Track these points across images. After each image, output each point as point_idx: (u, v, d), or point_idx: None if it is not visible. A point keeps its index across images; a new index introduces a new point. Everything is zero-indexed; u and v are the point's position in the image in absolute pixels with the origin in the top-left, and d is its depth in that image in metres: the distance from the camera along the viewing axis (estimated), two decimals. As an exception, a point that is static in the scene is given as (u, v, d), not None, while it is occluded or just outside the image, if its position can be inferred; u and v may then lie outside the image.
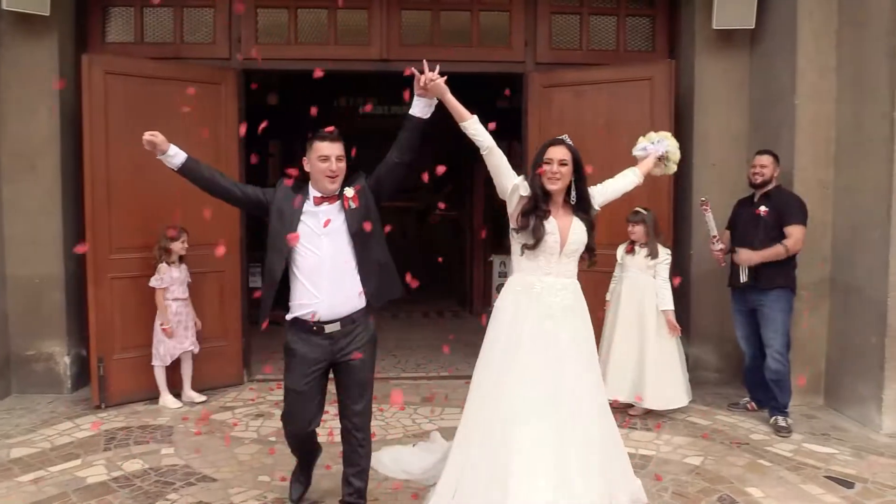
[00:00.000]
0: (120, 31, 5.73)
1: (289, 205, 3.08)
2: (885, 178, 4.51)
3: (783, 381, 4.63)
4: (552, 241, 3.14)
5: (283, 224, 3.06)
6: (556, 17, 5.97)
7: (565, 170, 3.16)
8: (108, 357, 5.09)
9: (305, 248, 3.05)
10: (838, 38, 4.99)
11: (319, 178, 3.07)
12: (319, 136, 3.07)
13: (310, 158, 3.09)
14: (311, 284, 3.05)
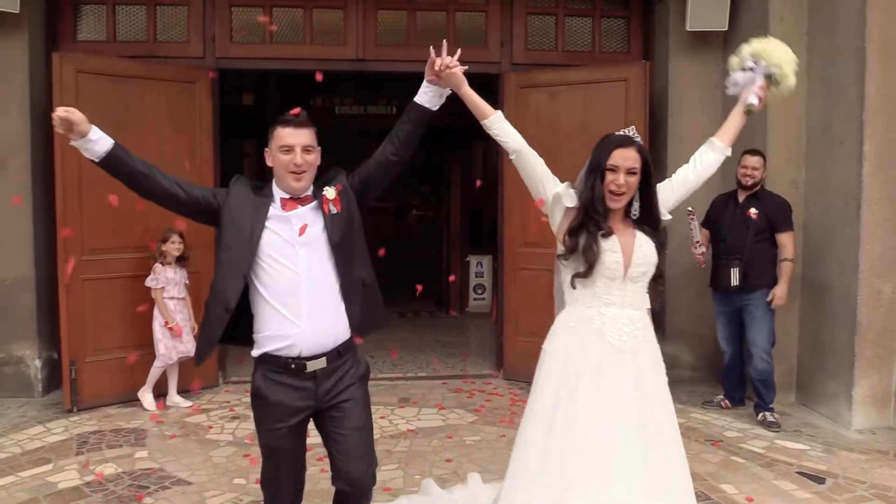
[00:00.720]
0: (92, 29, 5.65)
1: (248, 209, 2.44)
2: (854, 177, 4.59)
3: (769, 380, 4.70)
4: (612, 262, 2.43)
5: (239, 233, 2.41)
6: (532, 18, 5.99)
7: (633, 181, 2.43)
8: (81, 360, 5.02)
9: (276, 261, 2.39)
10: (809, 40, 5.07)
11: (283, 174, 2.44)
12: (281, 122, 2.45)
13: (271, 150, 2.47)
14: (286, 309, 2.38)
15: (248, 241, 2.40)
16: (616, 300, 2.47)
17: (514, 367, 5.90)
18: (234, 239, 2.43)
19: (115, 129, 5.11)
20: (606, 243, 2.44)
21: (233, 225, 2.43)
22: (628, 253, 2.46)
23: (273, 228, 2.43)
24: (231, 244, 2.44)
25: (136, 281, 5.04)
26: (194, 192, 2.53)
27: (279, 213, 2.45)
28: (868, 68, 4.48)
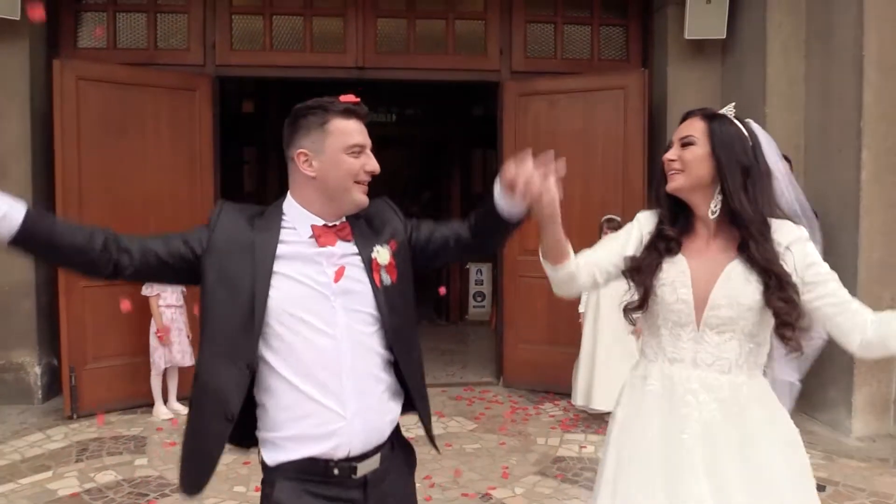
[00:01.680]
0: (92, 36, 5.67)
1: (245, 253, 1.65)
2: (852, 184, 4.60)
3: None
4: (673, 299, 1.76)
5: (234, 294, 1.63)
6: (531, 26, 6.02)
7: (691, 155, 1.75)
8: (81, 367, 5.02)
9: (302, 322, 1.64)
10: (806, 48, 5.09)
11: (345, 186, 1.69)
12: (341, 111, 1.69)
13: (322, 151, 1.67)
14: (321, 392, 1.63)
15: (249, 305, 1.62)
16: (686, 355, 1.76)
17: (513, 374, 5.90)
18: (225, 305, 1.64)
19: (116, 136, 5.19)
20: (670, 269, 1.78)
21: (221, 283, 1.64)
22: (704, 287, 1.73)
23: (290, 273, 1.66)
24: (222, 313, 1.64)
25: (136, 287, 5.04)
26: (172, 245, 1.67)
27: (304, 249, 1.69)
28: (865, 76, 4.50)
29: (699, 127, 1.78)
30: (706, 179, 1.75)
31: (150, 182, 5.25)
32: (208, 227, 1.69)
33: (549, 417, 5.12)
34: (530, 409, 5.27)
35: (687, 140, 1.78)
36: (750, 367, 1.76)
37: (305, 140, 1.68)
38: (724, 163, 1.72)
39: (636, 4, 6.05)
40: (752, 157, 1.74)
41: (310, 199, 1.71)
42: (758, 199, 1.71)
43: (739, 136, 1.76)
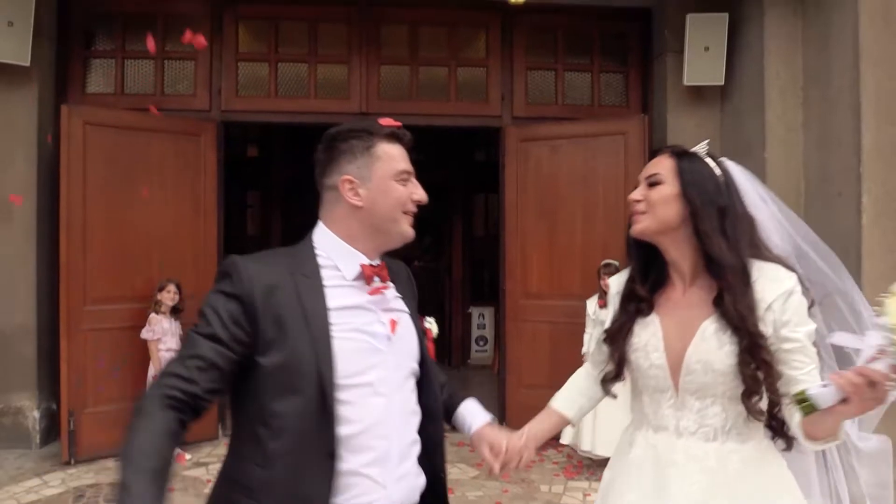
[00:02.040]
0: (100, 81, 5.77)
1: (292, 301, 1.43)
2: (853, 229, 4.61)
3: None
4: (646, 364, 1.62)
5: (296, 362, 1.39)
6: (532, 73, 6.11)
7: (657, 196, 1.60)
8: (80, 411, 4.98)
9: (361, 387, 1.45)
10: (804, 94, 5.15)
11: (394, 216, 1.54)
12: (386, 135, 1.56)
13: (370, 177, 1.52)
14: (368, 462, 1.44)
15: (317, 384, 1.39)
16: (668, 423, 1.59)
17: (516, 419, 5.83)
18: (287, 389, 1.39)
19: (121, 180, 5.23)
20: (642, 332, 1.63)
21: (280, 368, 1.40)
22: (679, 348, 1.56)
23: (346, 329, 1.45)
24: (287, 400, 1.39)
25: (136, 332, 5.03)
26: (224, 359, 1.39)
27: (354, 295, 1.50)
28: (863, 121, 4.54)
29: (667, 165, 1.64)
30: (674, 221, 1.59)
31: (154, 225, 5.28)
32: (240, 300, 1.40)
33: (553, 464, 5.06)
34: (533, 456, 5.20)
35: (654, 179, 1.63)
36: (741, 432, 1.56)
37: (350, 166, 1.52)
38: (698, 203, 1.57)
39: (635, 52, 6.15)
40: (728, 197, 1.60)
41: (353, 232, 1.53)
42: (738, 242, 1.55)
43: (711, 175, 1.63)
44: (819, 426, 1.45)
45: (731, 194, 1.61)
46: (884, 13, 4.55)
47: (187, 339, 1.43)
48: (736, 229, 1.56)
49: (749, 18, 5.38)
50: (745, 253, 1.55)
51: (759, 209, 1.66)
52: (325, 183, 1.57)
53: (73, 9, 5.64)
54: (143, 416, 1.32)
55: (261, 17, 5.89)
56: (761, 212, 1.66)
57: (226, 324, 1.39)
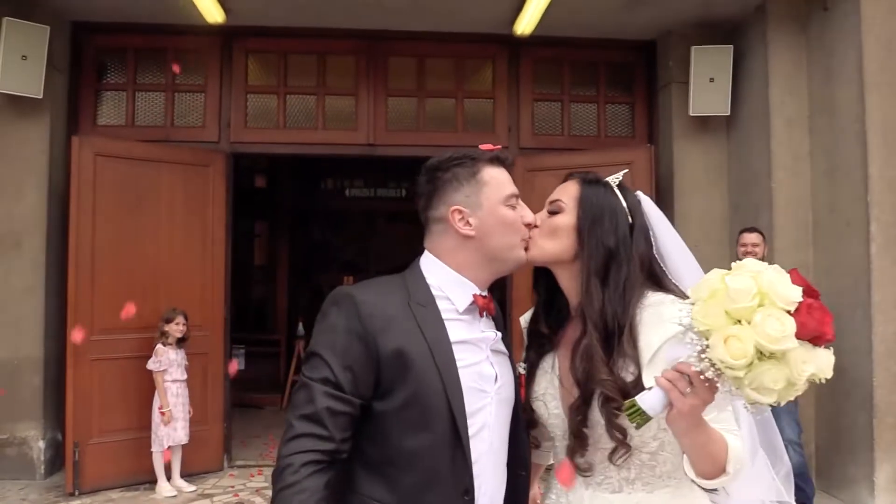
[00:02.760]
0: (111, 113, 5.84)
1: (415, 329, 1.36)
2: (863, 259, 4.59)
3: (805, 474, 4.43)
4: (546, 414, 1.54)
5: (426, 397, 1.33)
6: (538, 105, 6.15)
7: (552, 225, 1.52)
8: (85, 442, 4.95)
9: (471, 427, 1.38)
10: (810, 124, 5.17)
11: (508, 240, 1.47)
12: (489, 159, 1.49)
13: (477, 203, 1.45)
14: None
15: (448, 416, 1.34)
16: (579, 474, 1.49)
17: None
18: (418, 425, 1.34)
19: (130, 210, 5.26)
20: (542, 379, 1.54)
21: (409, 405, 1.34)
22: (574, 395, 1.44)
23: (462, 371, 1.38)
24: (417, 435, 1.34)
25: (143, 362, 5.02)
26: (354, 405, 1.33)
27: (466, 330, 1.43)
28: (870, 150, 4.55)
29: (572, 192, 1.53)
30: (567, 254, 1.49)
31: (163, 255, 5.30)
32: (360, 337, 1.32)
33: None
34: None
35: (554, 206, 1.53)
36: (649, 482, 1.44)
37: (457, 195, 1.44)
38: (585, 239, 1.47)
39: (641, 82, 6.19)
40: (623, 238, 1.48)
41: (465, 262, 1.44)
42: (621, 290, 1.43)
43: (614, 210, 1.50)
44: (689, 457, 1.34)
45: (636, 231, 1.50)
46: (888, 42, 4.58)
47: (304, 387, 1.32)
48: (620, 274, 1.44)
49: (753, 49, 5.42)
50: (625, 303, 1.42)
51: (671, 243, 1.55)
52: (432, 215, 1.48)
53: (86, 43, 5.73)
54: (292, 489, 1.24)
55: (270, 50, 5.96)
56: (673, 246, 1.55)
57: (346, 367, 1.31)
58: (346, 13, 5.51)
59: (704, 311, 1.17)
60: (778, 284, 1.15)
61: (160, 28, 5.70)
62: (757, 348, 1.12)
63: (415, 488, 1.32)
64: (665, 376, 1.23)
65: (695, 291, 1.22)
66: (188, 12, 5.20)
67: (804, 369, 1.13)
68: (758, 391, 1.14)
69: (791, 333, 1.12)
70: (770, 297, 1.14)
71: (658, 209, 1.58)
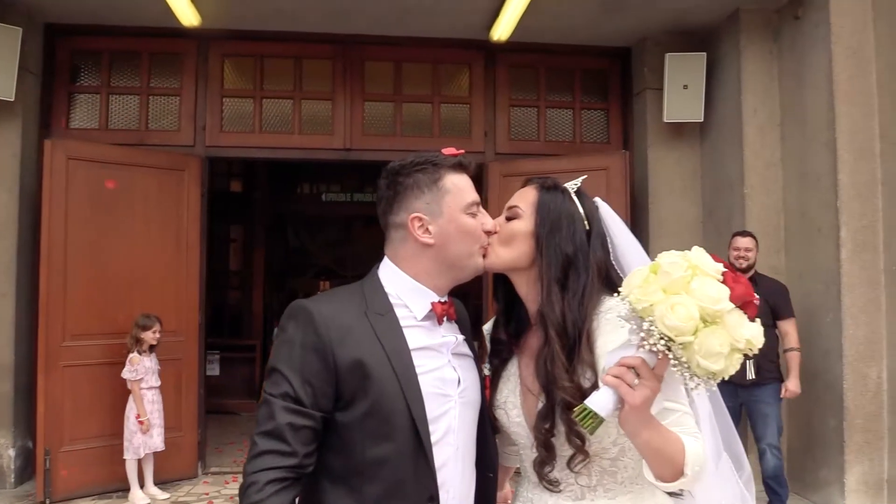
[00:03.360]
0: (85, 117, 5.77)
1: (372, 345, 1.36)
2: (833, 263, 4.66)
3: (782, 476, 4.48)
4: (507, 422, 1.53)
5: (387, 408, 1.34)
6: (514, 110, 6.18)
7: (510, 231, 1.52)
8: (56, 449, 4.87)
9: (434, 433, 1.39)
10: (782, 132, 5.25)
11: (467, 249, 1.47)
12: (452, 166, 1.48)
13: (437, 211, 1.44)
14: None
15: (409, 424, 1.35)
16: (544, 483, 1.48)
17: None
18: (379, 434, 1.35)
19: (103, 214, 5.20)
20: (504, 387, 1.53)
21: (369, 415, 1.34)
22: (535, 403, 1.45)
23: (423, 377, 1.39)
24: (380, 444, 1.35)
25: (117, 368, 4.96)
26: (313, 417, 1.33)
27: (425, 336, 1.44)
28: (840, 157, 4.63)
29: (530, 198, 1.53)
30: (524, 261, 1.49)
31: (136, 260, 5.25)
32: (317, 351, 1.32)
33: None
34: None
35: (512, 212, 1.53)
36: (611, 489, 1.44)
37: (418, 202, 1.43)
38: (543, 246, 1.46)
39: (616, 89, 6.25)
40: (580, 245, 1.47)
41: (424, 270, 1.45)
42: (580, 297, 1.43)
43: (571, 217, 1.50)
44: (646, 459, 1.33)
45: (594, 238, 1.50)
46: (857, 52, 4.67)
47: (265, 403, 1.33)
48: (579, 281, 1.45)
49: (726, 57, 5.50)
50: (584, 310, 1.42)
51: (628, 249, 1.55)
52: (392, 221, 1.47)
53: (59, 45, 5.66)
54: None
55: (246, 54, 5.93)
56: (630, 252, 1.55)
57: (305, 381, 1.32)
58: (323, 17, 5.50)
59: (644, 291, 1.21)
60: (704, 258, 1.23)
61: (135, 31, 5.65)
62: (700, 312, 1.17)
63: (380, 498, 1.33)
64: (610, 373, 1.23)
65: (626, 284, 1.26)
66: (163, 15, 5.16)
67: (742, 332, 1.19)
68: (706, 357, 1.17)
69: (726, 297, 1.19)
70: (700, 269, 1.21)
71: (616, 215, 1.59)
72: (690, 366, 1.19)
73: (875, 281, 4.61)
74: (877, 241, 4.61)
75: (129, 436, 4.88)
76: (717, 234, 5.44)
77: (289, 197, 10.71)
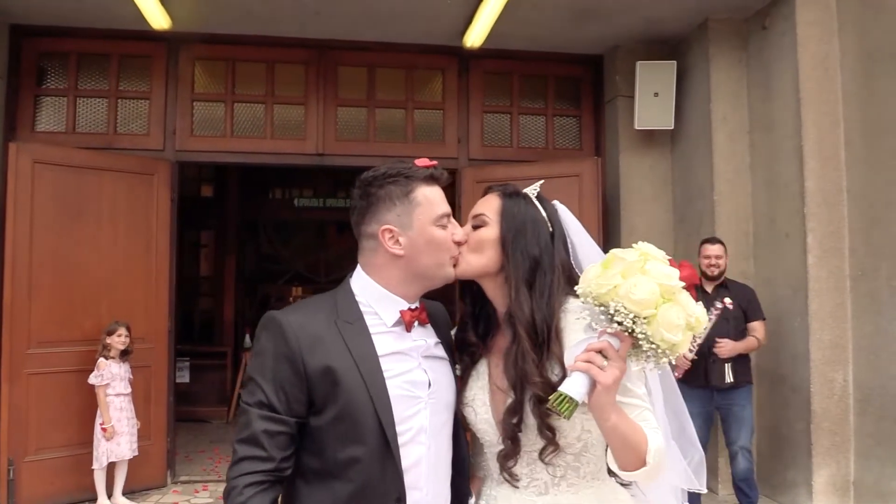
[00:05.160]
0: (51, 119, 5.66)
1: (342, 352, 1.42)
2: (800, 269, 4.74)
3: (752, 479, 4.51)
4: (475, 419, 1.58)
5: (356, 412, 1.40)
6: (487, 116, 6.20)
7: (478, 239, 1.57)
8: (20, 459, 4.77)
9: (404, 434, 1.44)
10: (751, 139, 5.33)
11: (438, 260, 1.51)
12: (424, 177, 1.50)
13: (408, 224, 1.48)
14: None
15: (377, 429, 1.40)
16: (505, 476, 1.53)
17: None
18: (348, 437, 1.40)
19: (70, 219, 5.11)
20: (473, 385, 1.58)
21: (339, 419, 1.40)
22: (503, 401, 1.51)
23: (391, 381, 1.44)
24: (349, 438, 1.40)
25: (84, 375, 4.87)
26: (288, 423, 1.40)
27: (395, 341, 1.48)
28: (806, 164, 4.71)
29: (494, 206, 1.58)
30: (493, 266, 1.55)
31: (105, 266, 5.16)
32: (289, 360, 1.39)
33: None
34: None
35: (478, 221, 1.58)
36: (574, 483, 1.51)
37: (389, 214, 1.47)
38: (510, 251, 1.53)
39: (588, 96, 6.30)
40: (545, 247, 1.55)
41: (394, 279, 1.49)
42: (546, 297, 1.50)
43: (535, 221, 1.57)
44: (611, 446, 1.42)
45: (556, 239, 1.58)
46: (823, 61, 4.76)
47: (242, 413, 1.41)
48: (545, 281, 1.52)
49: (696, 65, 5.57)
50: (551, 309, 1.50)
51: (587, 250, 1.64)
52: (364, 231, 1.52)
53: (25, 46, 5.55)
54: None
55: (217, 58, 5.87)
56: (589, 252, 1.63)
57: (278, 389, 1.39)
58: (296, 21, 5.48)
59: (604, 278, 1.35)
60: (651, 247, 1.41)
61: (103, 33, 5.57)
62: (660, 289, 1.33)
63: (352, 496, 1.39)
64: (580, 358, 1.33)
65: (583, 280, 1.40)
66: (133, 18, 5.10)
67: (693, 309, 1.36)
68: (668, 329, 1.31)
69: (677, 276, 1.37)
70: (651, 255, 1.39)
71: (574, 218, 1.66)
72: (654, 339, 1.32)
73: (841, 286, 4.69)
74: (843, 247, 4.69)
75: (96, 444, 4.79)
76: (689, 240, 5.50)
77: (261, 202, 10.63)
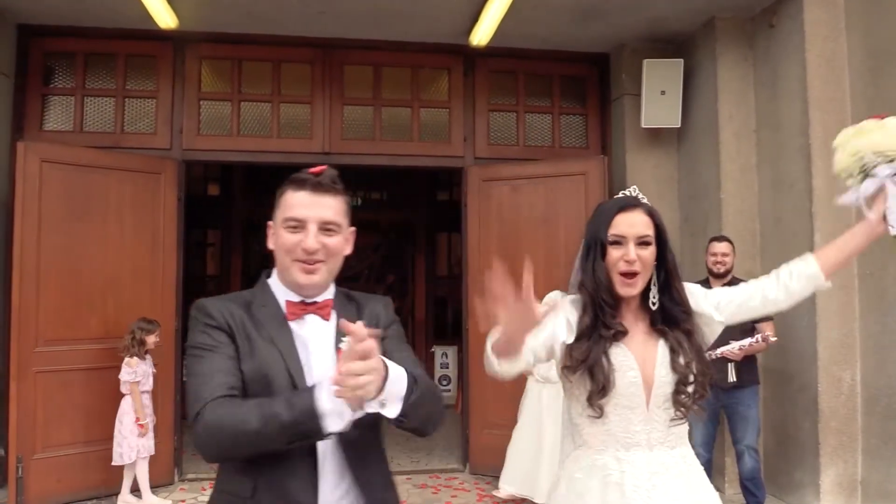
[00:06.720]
0: (58, 119, 5.68)
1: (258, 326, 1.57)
2: (807, 268, 4.71)
3: (759, 478, 4.50)
4: (626, 383, 1.74)
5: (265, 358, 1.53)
6: (493, 115, 6.20)
7: (648, 255, 1.77)
8: (29, 456, 4.79)
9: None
10: (757, 138, 5.31)
11: (287, 263, 1.59)
12: (294, 182, 1.61)
13: (276, 222, 1.63)
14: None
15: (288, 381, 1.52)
16: (640, 438, 1.74)
17: (480, 460, 5.78)
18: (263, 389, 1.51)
19: (78, 219, 5.13)
20: (616, 354, 1.75)
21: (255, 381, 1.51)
22: (649, 368, 1.75)
23: None
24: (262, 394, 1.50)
25: (91, 374, 4.90)
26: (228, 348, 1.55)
27: (298, 327, 1.60)
28: (813, 163, 4.69)
29: (647, 222, 1.81)
30: (649, 277, 1.83)
31: (112, 265, 5.19)
32: (218, 328, 1.55)
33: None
34: (497, 497, 5.15)
35: (645, 240, 1.79)
36: (685, 438, 1.85)
37: (275, 211, 1.66)
38: (669, 259, 1.83)
39: (594, 95, 6.29)
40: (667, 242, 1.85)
41: (280, 270, 1.64)
42: (682, 289, 1.86)
43: (664, 226, 1.86)
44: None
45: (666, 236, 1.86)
46: (830, 59, 4.74)
47: (192, 366, 1.53)
48: (670, 266, 1.84)
49: (702, 64, 5.56)
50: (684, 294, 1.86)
51: None
52: None
53: (32, 46, 5.58)
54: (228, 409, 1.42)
55: (224, 57, 5.88)
56: None
57: (214, 337, 1.53)
58: (302, 21, 5.48)
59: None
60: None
61: (110, 33, 5.58)
62: None
63: (267, 468, 1.48)
64: None
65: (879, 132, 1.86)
66: (140, 17, 5.11)
67: None
68: None
69: None
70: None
71: None
72: None
73: (849, 285, 4.67)
74: (850, 246, 4.67)
75: (120, 440, 4.81)
76: (694, 239, 5.49)
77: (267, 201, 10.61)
